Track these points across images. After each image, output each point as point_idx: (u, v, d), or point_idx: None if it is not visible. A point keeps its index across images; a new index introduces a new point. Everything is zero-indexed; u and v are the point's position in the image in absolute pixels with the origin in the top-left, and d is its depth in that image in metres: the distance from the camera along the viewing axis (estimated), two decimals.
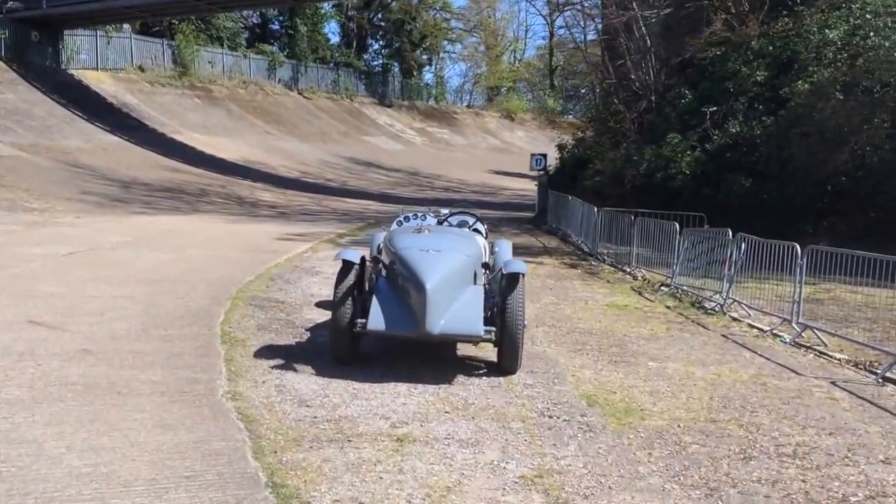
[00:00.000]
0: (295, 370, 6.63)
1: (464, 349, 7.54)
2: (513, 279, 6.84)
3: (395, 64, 59.24)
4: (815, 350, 8.52)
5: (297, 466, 4.56)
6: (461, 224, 8.54)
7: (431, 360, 7.13)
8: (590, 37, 33.59)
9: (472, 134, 59.08)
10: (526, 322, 6.89)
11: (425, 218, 8.65)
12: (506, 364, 6.84)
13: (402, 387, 6.32)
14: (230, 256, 13.31)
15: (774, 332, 9.28)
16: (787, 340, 8.95)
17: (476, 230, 8.47)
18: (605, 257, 15.86)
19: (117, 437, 4.86)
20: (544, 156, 25.26)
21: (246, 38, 47.42)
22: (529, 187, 42.35)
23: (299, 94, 48.18)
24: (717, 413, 5.98)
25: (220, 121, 38.70)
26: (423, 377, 6.61)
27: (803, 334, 8.97)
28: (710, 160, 19.34)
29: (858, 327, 9.27)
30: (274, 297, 10.04)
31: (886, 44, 17.17)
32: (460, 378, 6.69)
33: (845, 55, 18.04)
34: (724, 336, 9.10)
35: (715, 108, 20.03)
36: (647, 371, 7.25)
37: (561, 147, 27.42)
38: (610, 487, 4.44)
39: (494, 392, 6.34)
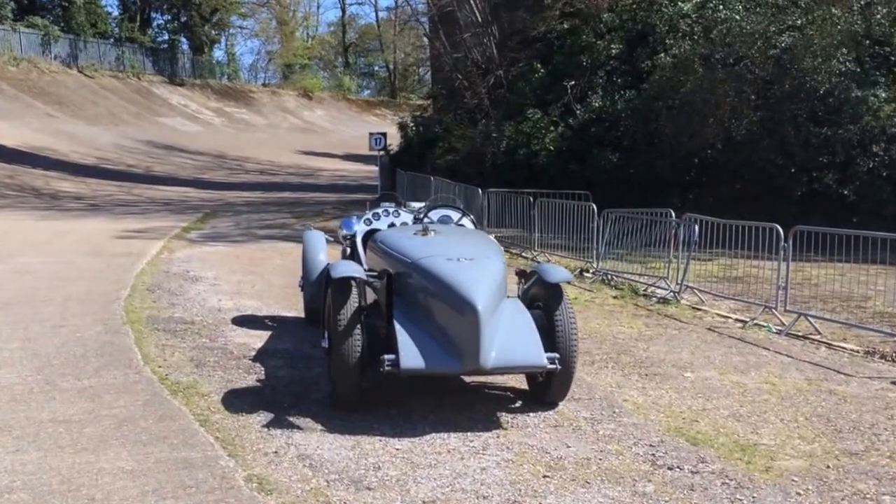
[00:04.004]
0: (298, 427, 4.90)
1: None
2: (555, 290, 5.47)
3: (184, 40, 54.84)
4: (813, 339, 7.83)
5: None
6: (444, 220, 7.02)
7: (436, 390, 5.64)
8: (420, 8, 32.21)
9: (272, 113, 56.20)
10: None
11: (398, 214, 7.05)
12: (555, 395, 5.46)
13: (452, 439, 4.81)
14: (78, 263, 10.87)
15: (756, 321, 8.52)
16: (775, 330, 8.20)
17: (461, 226, 6.99)
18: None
19: None
20: (384, 134, 23.76)
21: (12, 10, 41.66)
22: (345, 167, 40.79)
23: (80, 71, 43.26)
24: (842, 442, 4.95)
25: None
26: (457, 420, 5.15)
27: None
28: (574, 136, 18.73)
29: (816, 308, 8.75)
30: (175, 315, 8.01)
31: (737, 17, 17.23)
32: (503, 416, 5.26)
33: (700, 27, 17.96)
34: (710, 330, 8.21)
35: (574, 83, 19.42)
36: (693, 386, 6.14)
37: (402, 126, 25.96)
38: None
39: (565, 435, 4.97)
